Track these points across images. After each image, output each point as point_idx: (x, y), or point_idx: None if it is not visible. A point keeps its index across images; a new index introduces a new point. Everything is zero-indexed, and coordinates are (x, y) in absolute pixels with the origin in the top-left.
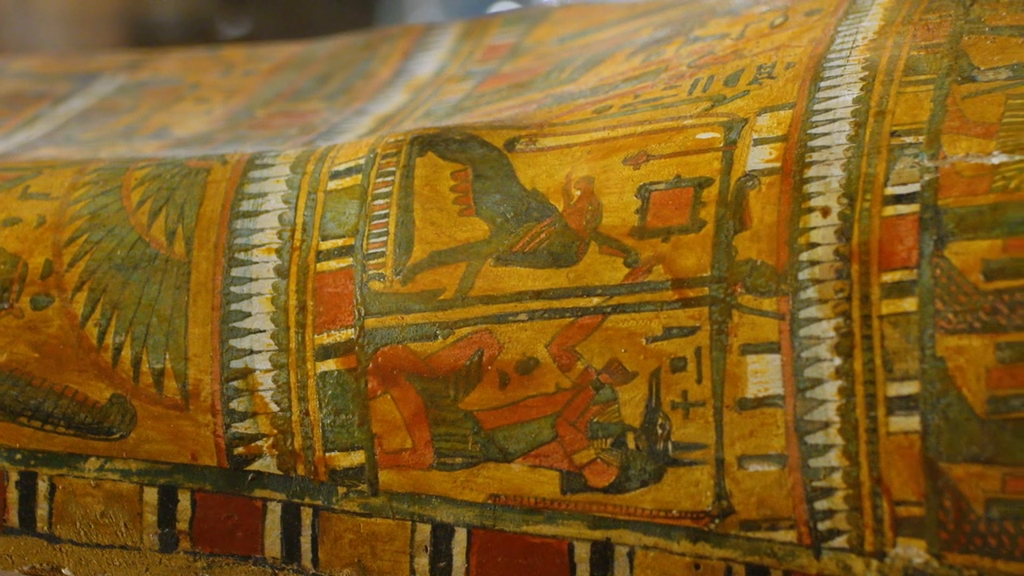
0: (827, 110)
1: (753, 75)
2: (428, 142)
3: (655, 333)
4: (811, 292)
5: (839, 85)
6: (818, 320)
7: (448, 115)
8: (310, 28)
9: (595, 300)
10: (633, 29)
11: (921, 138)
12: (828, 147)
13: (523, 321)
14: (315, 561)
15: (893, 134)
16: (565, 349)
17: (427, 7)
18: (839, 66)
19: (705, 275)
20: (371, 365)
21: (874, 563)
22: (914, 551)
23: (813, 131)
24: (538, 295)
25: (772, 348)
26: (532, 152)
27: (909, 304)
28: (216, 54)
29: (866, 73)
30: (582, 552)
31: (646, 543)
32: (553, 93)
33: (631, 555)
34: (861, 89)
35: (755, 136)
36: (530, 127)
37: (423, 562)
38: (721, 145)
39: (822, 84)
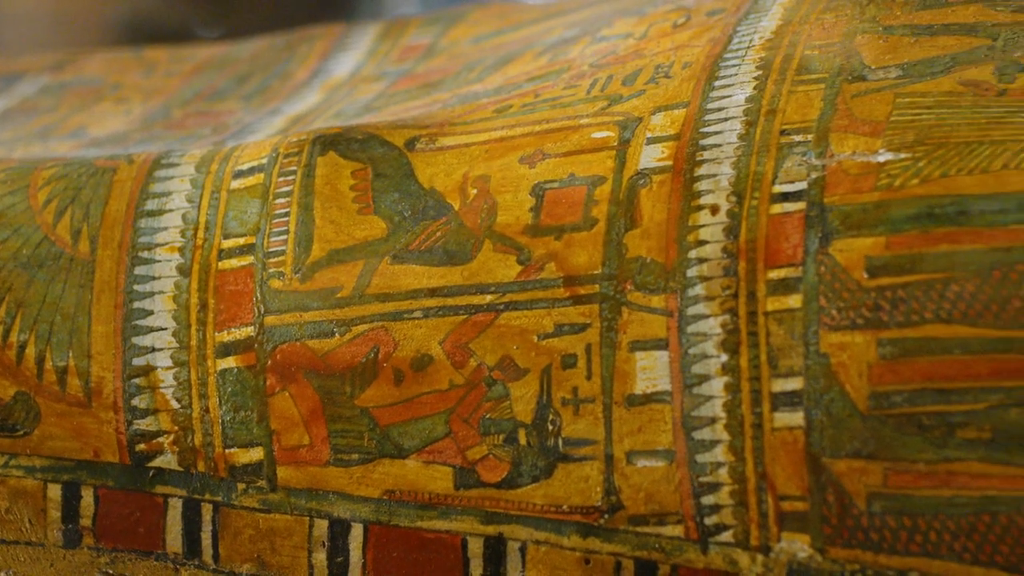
0: (720, 109)
1: (651, 75)
2: (330, 142)
3: (547, 330)
4: (699, 289)
5: (733, 84)
6: (705, 317)
7: (358, 115)
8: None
9: (488, 297)
10: (545, 29)
11: (810, 136)
12: (719, 146)
13: (418, 318)
14: (216, 556)
15: (783, 133)
16: (459, 346)
17: (407, 6)
18: (734, 65)
19: (596, 273)
20: (270, 362)
21: (759, 557)
22: (798, 545)
23: (705, 130)
24: (433, 293)
25: (660, 345)
26: (431, 151)
27: (794, 301)
28: (140, 54)
29: (760, 72)
30: (475, 547)
31: (537, 538)
32: (460, 93)
33: (523, 550)
34: (754, 88)
35: (648, 135)
36: (431, 126)
37: (321, 557)
38: (615, 144)
39: (717, 83)
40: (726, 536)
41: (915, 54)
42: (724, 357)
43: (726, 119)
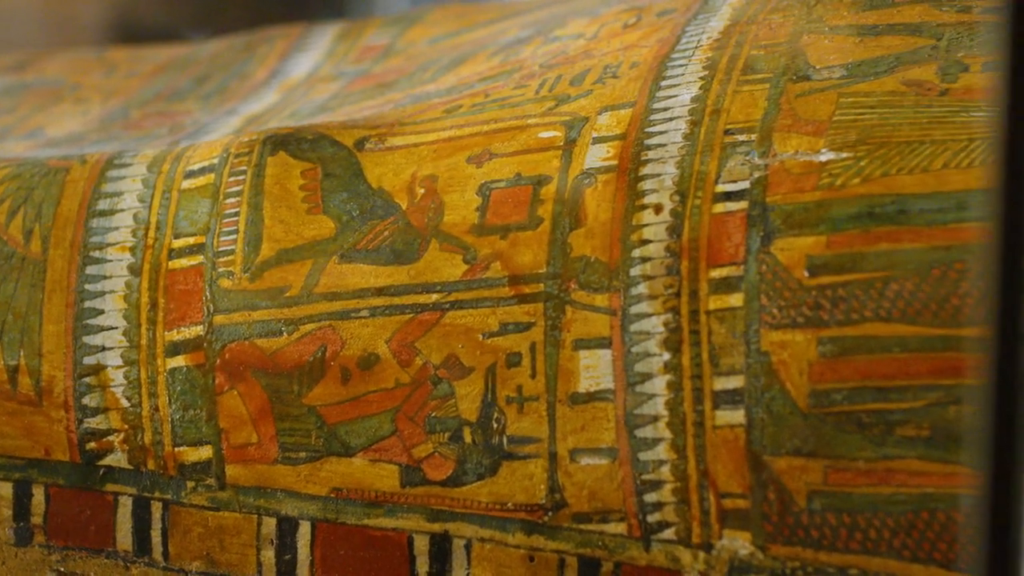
0: (665, 109)
1: (599, 75)
2: (280, 142)
3: (492, 329)
4: (642, 288)
5: (679, 84)
6: (648, 316)
7: (312, 115)
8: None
9: (434, 296)
10: (501, 30)
11: (753, 136)
12: (664, 145)
13: (365, 317)
14: (165, 554)
15: (727, 132)
16: (405, 345)
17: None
18: (681, 65)
19: (540, 272)
20: (219, 361)
21: (701, 555)
22: (740, 543)
23: (651, 130)
24: (380, 292)
25: (604, 343)
26: (381, 151)
27: (735, 300)
28: (102, 55)
29: (706, 72)
30: (421, 544)
31: (482, 535)
32: (413, 93)
33: (468, 547)
34: (700, 88)
35: (595, 135)
36: (381, 126)
37: (269, 555)
38: (562, 144)
39: (663, 83)
40: (668, 534)
41: (860, 54)
42: (666, 355)
43: (671, 119)
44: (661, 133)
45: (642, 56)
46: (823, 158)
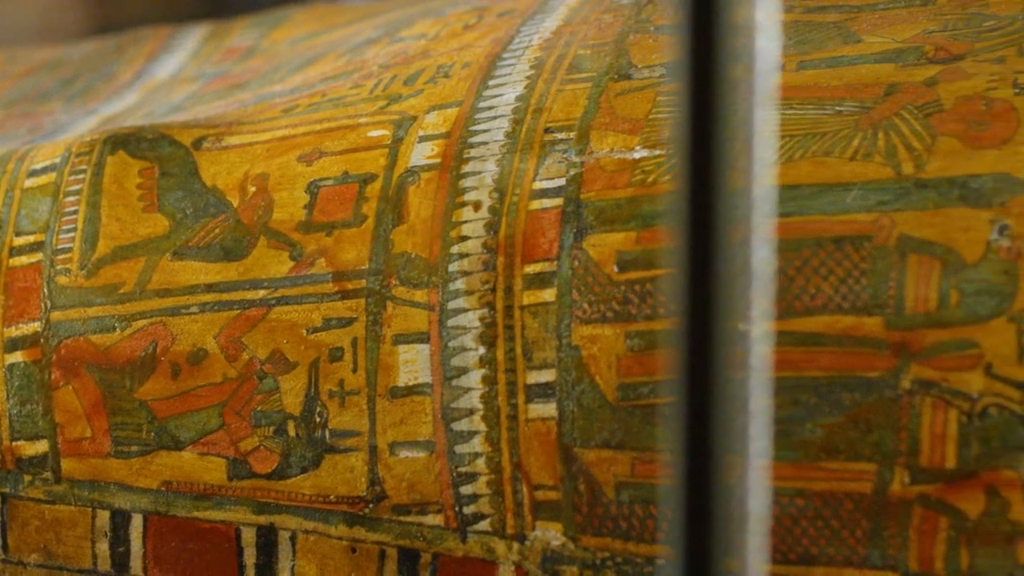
0: (490, 108)
1: (432, 74)
2: (120, 141)
3: (315, 324)
4: (459, 284)
5: (506, 84)
6: (465, 311)
7: (166, 115)
8: None
9: (261, 293)
10: (356, 31)
11: (572, 134)
12: (486, 143)
13: (195, 313)
14: (4, 546)
15: (547, 131)
16: (232, 340)
17: None
18: (510, 65)
19: (363, 268)
20: (55, 357)
21: (515, 546)
22: (552, 534)
23: (474, 128)
24: (209, 288)
25: (422, 338)
26: (217, 150)
27: (549, 295)
28: None
29: (532, 72)
30: (248, 536)
31: (307, 527)
32: (260, 92)
33: (293, 539)
34: (525, 87)
35: (421, 133)
36: (220, 126)
37: (104, 547)
38: (389, 142)
39: (491, 83)
40: (484, 525)
41: None
42: (482, 350)
43: (495, 117)
44: (484, 131)
45: (475, 56)
46: (637, 155)
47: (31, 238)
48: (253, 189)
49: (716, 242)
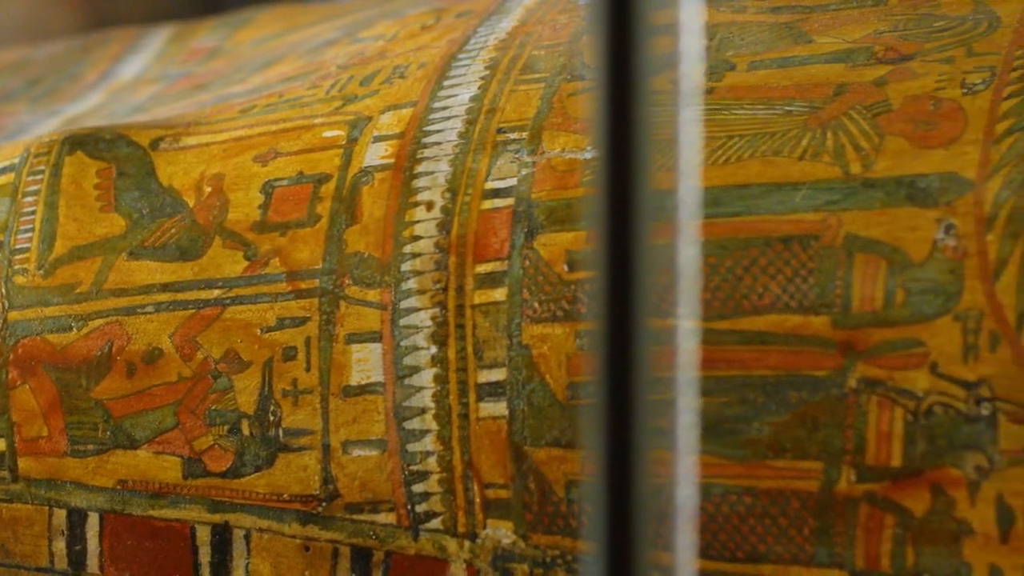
0: (444, 108)
1: (388, 75)
2: (78, 142)
3: (269, 323)
4: (412, 283)
5: (460, 84)
6: (417, 310)
7: (128, 115)
8: None
9: (216, 292)
10: (318, 32)
11: (524, 134)
12: (439, 144)
13: (150, 313)
14: None
15: (499, 131)
16: (187, 339)
17: None
18: (465, 65)
19: (317, 268)
20: (12, 356)
21: (467, 544)
22: (503, 532)
23: (428, 128)
24: (165, 288)
25: (375, 337)
26: (174, 150)
27: (500, 294)
28: None
29: (487, 72)
30: (203, 535)
31: (261, 526)
32: (220, 93)
33: (248, 537)
34: (479, 88)
35: (376, 134)
36: (178, 126)
37: (60, 546)
38: (344, 143)
39: (446, 83)
40: (435, 523)
41: None
42: (433, 349)
43: (449, 118)
44: (438, 132)
45: (431, 56)
46: (588, 155)
47: None
48: (209, 189)
49: (636, 242)
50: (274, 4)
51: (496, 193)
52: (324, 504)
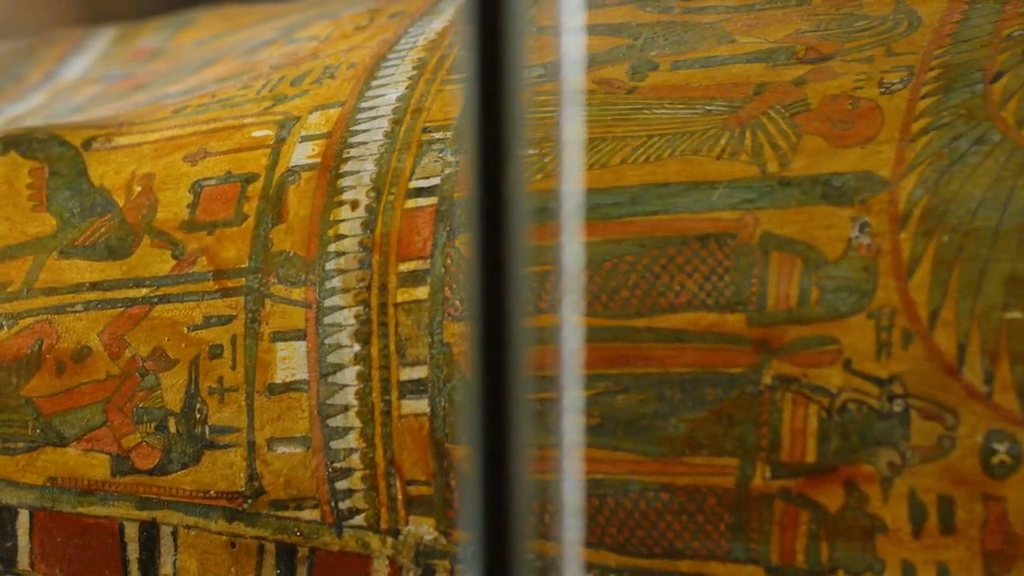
0: (372, 108)
1: (318, 75)
2: (12, 142)
3: (196, 322)
4: (336, 282)
5: (388, 84)
6: (341, 308)
7: (67, 115)
8: None
9: (144, 291)
10: (257, 33)
11: (449, 134)
12: (365, 143)
13: (79, 311)
14: None
15: (424, 130)
16: (115, 338)
17: None
18: (394, 65)
19: (243, 266)
20: None
21: (389, 540)
22: (425, 529)
23: (355, 128)
24: (94, 286)
25: (299, 335)
26: (106, 150)
27: (422, 292)
28: None
29: (415, 72)
30: (131, 531)
31: (188, 523)
32: (157, 94)
33: (175, 534)
34: (406, 88)
35: (303, 133)
36: (111, 126)
37: None
38: (272, 142)
39: (374, 83)
40: (359, 520)
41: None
42: (357, 347)
43: (375, 117)
44: (364, 131)
45: (361, 57)
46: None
47: None
48: (139, 189)
49: (510, 242)
50: (233, 3)
51: (420, 192)
52: (249, 501)
